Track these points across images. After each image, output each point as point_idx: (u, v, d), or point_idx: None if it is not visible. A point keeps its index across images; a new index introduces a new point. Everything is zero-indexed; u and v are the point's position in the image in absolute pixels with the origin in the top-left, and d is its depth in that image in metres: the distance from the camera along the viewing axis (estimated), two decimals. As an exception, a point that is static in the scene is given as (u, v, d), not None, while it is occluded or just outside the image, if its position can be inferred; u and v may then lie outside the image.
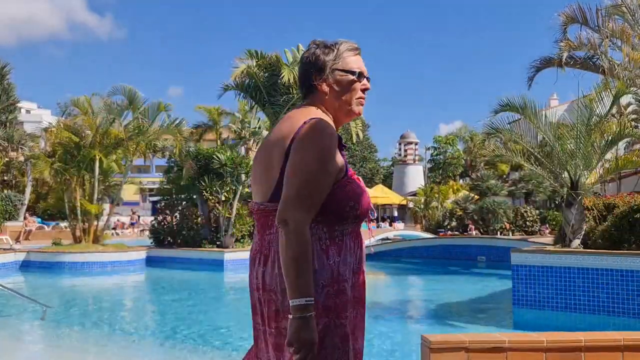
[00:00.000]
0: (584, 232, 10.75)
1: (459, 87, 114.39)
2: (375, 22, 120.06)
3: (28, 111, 54.22)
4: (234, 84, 21.88)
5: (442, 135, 56.14)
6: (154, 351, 8.31)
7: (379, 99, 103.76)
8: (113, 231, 28.41)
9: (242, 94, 22.86)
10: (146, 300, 13.80)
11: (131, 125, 20.14)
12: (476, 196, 28.66)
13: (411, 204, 38.22)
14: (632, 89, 12.31)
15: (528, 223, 25.56)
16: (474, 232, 25.66)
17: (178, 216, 21.13)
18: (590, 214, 11.44)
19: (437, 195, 34.19)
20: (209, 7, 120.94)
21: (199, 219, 20.36)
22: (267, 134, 2.09)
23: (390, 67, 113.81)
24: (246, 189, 21.42)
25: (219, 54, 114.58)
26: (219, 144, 31.78)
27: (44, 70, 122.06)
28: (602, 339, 3.64)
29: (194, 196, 20.89)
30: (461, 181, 48.21)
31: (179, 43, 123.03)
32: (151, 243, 21.37)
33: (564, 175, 11.18)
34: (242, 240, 20.14)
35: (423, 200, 34.91)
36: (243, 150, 34.28)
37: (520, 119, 11.57)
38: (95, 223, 19.67)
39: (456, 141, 53.78)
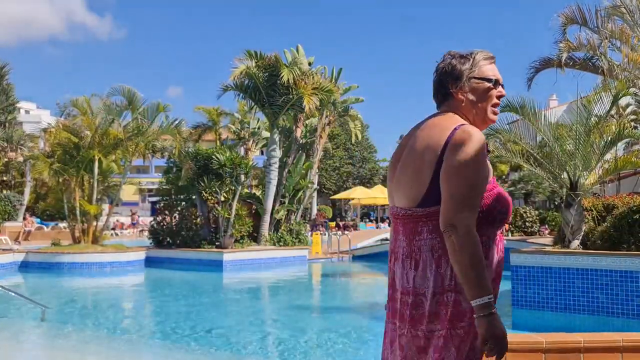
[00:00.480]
0: (583, 233, 10.74)
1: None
2: (375, 21, 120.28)
3: (27, 111, 54.19)
4: (233, 84, 21.88)
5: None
6: (153, 351, 8.30)
7: (378, 99, 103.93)
8: (112, 232, 28.41)
9: (241, 94, 22.87)
10: (145, 301, 13.78)
11: (130, 126, 20.14)
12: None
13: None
14: (631, 89, 12.31)
15: (527, 224, 25.52)
16: (473, 232, 25.63)
17: (177, 217, 21.11)
18: (590, 215, 11.44)
19: (436, 196, 34.19)
20: (209, 7, 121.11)
21: (198, 219, 20.33)
22: (414, 137, 2.09)
23: (391, 66, 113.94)
24: (245, 190, 21.40)
25: (218, 54, 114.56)
26: (218, 144, 31.77)
27: (43, 71, 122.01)
28: (601, 339, 3.64)
29: (193, 197, 20.87)
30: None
31: (179, 43, 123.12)
32: (150, 243, 21.36)
33: (563, 176, 11.18)
34: (241, 241, 20.09)
35: (422, 201, 34.90)
36: (242, 150, 34.29)
37: (519, 120, 11.57)
38: (95, 223, 19.65)
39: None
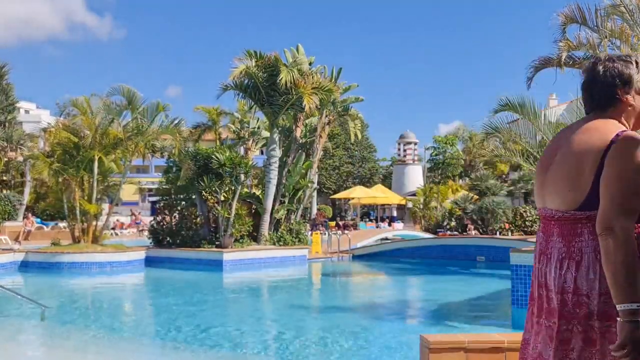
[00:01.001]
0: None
1: (459, 86, 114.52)
2: (375, 21, 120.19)
3: (27, 111, 54.14)
4: (233, 84, 21.88)
5: (442, 135, 56.19)
6: (152, 351, 8.31)
7: (378, 99, 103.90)
8: (112, 231, 28.39)
9: (241, 94, 22.87)
10: (145, 301, 13.79)
11: (130, 125, 20.13)
12: (475, 196, 28.67)
13: (410, 204, 38.22)
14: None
15: (527, 223, 25.54)
16: (473, 232, 25.65)
17: (177, 216, 21.10)
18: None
19: (436, 195, 34.21)
20: (209, 7, 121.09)
21: (198, 219, 20.33)
22: (569, 140, 2.07)
23: (390, 66, 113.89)
24: (245, 189, 21.38)
25: (218, 54, 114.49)
26: (217, 144, 31.75)
27: (42, 71, 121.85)
28: (601, 339, 3.62)
29: (193, 196, 20.86)
30: (460, 181, 48.21)
31: (178, 43, 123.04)
32: (150, 243, 21.36)
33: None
34: (241, 241, 20.07)
35: (422, 200, 34.93)
36: (242, 150, 34.27)
37: (519, 119, 11.57)
38: (94, 223, 19.64)
39: (456, 141, 53.80)
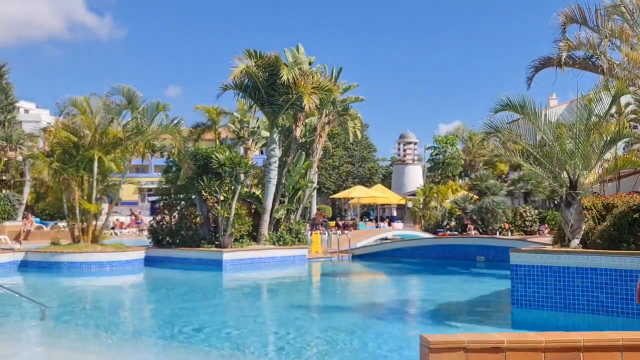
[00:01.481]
0: (583, 232, 10.75)
1: (460, 86, 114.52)
2: (374, 21, 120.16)
3: (27, 111, 54.22)
4: (232, 83, 21.88)
5: (442, 135, 56.25)
6: (152, 350, 8.31)
7: (378, 99, 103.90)
8: (112, 231, 28.40)
9: (241, 93, 22.88)
10: (144, 300, 13.79)
11: (130, 125, 20.13)
12: (475, 196, 28.66)
13: (410, 204, 38.25)
14: (631, 88, 12.30)
15: (527, 223, 25.56)
16: (473, 232, 25.66)
17: (177, 216, 21.10)
18: (589, 214, 11.44)
19: (436, 195, 34.22)
20: (209, 7, 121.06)
21: (198, 218, 20.32)
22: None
23: (390, 66, 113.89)
24: (245, 189, 21.36)
25: (218, 53, 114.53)
26: (217, 143, 31.75)
27: (42, 70, 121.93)
28: (600, 339, 3.63)
29: (193, 196, 20.86)
30: (460, 181, 48.23)
31: (178, 43, 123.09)
32: (150, 243, 21.36)
33: (563, 175, 11.18)
34: (240, 240, 20.07)
35: (422, 200, 34.94)
36: (242, 150, 34.28)
37: (519, 119, 11.56)
38: (94, 223, 19.65)
39: (456, 141, 53.85)
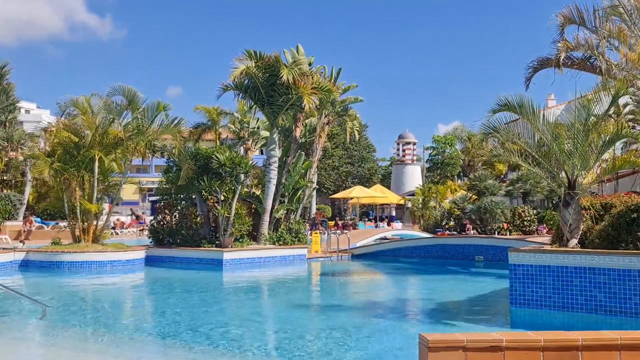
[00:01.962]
0: (581, 232, 10.79)
1: (459, 87, 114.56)
2: (374, 21, 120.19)
3: (27, 111, 54.25)
4: (233, 84, 21.92)
5: (441, 135, 56.25)
6: (152, 350, 8.34)
7: (378, 99, 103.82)
8: (112, 231, 28.43)
9: (241, 94, 22.92)
10: (145, 300, 13.82)
11: (130, 125, 20.16)
12: (474, 196, 28.68)
13: (409, 204, 38.28)
14: (629, 89, 12.35)
15: (525, 223, 25.57)
16: (472, 231, 25.68)
17: (177, 216, 21.14)
18: (588, 214, 11.47)
19: (435, 195, 34.24)
20: (209, 7, 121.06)
21: (198, 218, 20.36)
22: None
23: (390, 66, 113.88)
24: (245, 189, 21.37)
25: (218, 54, 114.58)
26: (217, 144, 31.78)
27: (43, 71, 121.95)
28: (599, 338, 3.67)
29: (193, 196, 20.90)
30: (459, 181, 48.25)
31: (178, 43, 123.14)
32: (150, 243, 21.39)
33: (561, 175, 11.22)
34: (241, 240, 20.09)
35: (421, 200, 34.97)
36: (242, 150, 34.30)
37: (518, 119, 11.60)
38: (95, 222, 19.68)
39: (455, 141, 53.87)
